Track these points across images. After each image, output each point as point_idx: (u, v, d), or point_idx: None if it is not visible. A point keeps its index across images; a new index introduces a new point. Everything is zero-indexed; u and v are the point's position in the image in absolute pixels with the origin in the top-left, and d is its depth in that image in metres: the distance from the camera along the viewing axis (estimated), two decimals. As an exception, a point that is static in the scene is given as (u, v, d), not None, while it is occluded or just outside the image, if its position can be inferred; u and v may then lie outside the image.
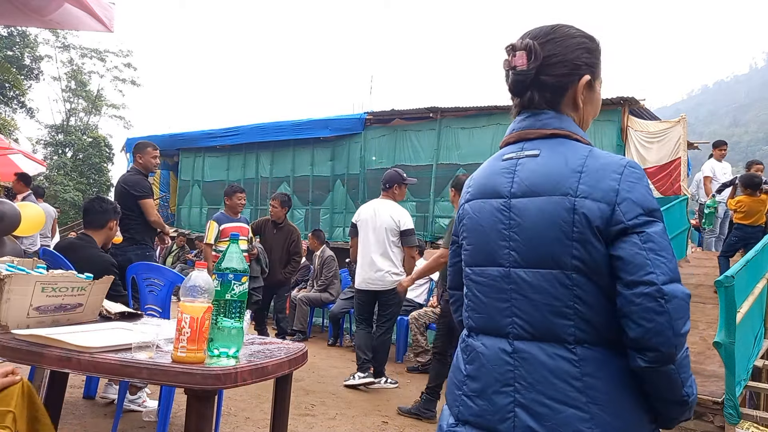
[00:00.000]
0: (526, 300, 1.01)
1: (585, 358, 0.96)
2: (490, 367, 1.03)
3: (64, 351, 1.48)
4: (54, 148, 25.08)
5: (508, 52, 1.12)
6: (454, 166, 8.61)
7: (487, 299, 1.07)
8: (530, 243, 1.02)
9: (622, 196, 0.96)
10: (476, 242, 1.11)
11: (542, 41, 1.09)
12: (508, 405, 0.99)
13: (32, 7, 3.17)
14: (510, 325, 1.03)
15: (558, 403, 0.95)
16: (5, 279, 1.60)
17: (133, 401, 3.30)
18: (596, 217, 0.96)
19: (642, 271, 0.92)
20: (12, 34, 21.62)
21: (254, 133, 11.08)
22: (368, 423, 3.68)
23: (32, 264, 2.08)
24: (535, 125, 1.10)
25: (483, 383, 1.04)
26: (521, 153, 1.09)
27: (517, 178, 1.06)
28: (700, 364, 4.59)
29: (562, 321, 0.98)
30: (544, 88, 1.09)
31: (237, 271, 1.54)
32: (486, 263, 1.08)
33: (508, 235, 1.05)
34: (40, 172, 12.92)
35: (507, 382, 1.00)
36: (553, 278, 0.99)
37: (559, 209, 0.99)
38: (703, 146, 10.35)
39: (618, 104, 7.40)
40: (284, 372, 1.67)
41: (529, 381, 0.98)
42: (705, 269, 6.86)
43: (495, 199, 1.08)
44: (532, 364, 0.99)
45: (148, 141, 4.43)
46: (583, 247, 0.97)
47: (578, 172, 1.00)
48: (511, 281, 1.03)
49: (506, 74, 1.14)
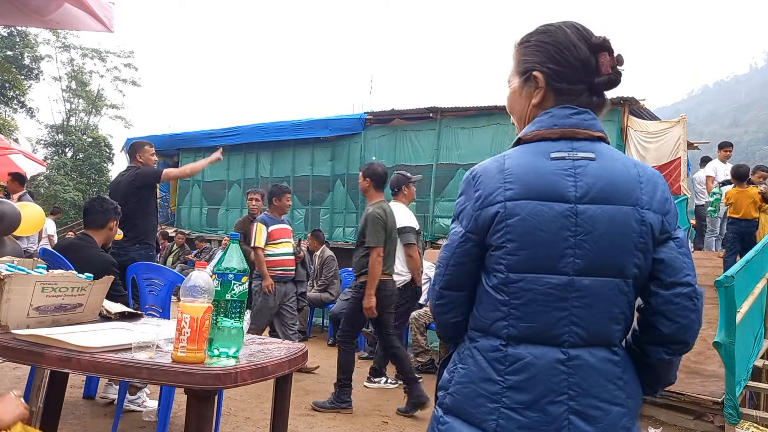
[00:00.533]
0: (586, 308, 1.00)
1: (623, 357, 1.03)
2: (542, 378, 0.99)
3: (64, 351, 1.48)
4: (54, 148, 25.08)
5: (609, 50, 1.10)
6: (454, 166, 8.61)
7: (541, 308, 1.01)
8: (599, 251, 1.00)
9: (667, 207, 1.04)
10: (532, 248, 1.01)
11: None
12: (563, 413, 0.98)
13: (32, 7, 3.17)
14: (567, 333, 1.00)
15: (608, 404, 0.99)
16: (5, 279, 1.60)
17: (132, 401, 3.30)
18: (657, 229, 1.02)
19: (681, 273, 1.01)
20: (12, 34, 21.62)
21: (254, 133, 11.09)
22: (368, 423, 3.68)
23: (32, 264, 2.08)
24: (582, 124, 1.08)
25: (534, 394, 0.99)
26: (574, 154, 1.04)
27: (581, 182, 1.01)
28: (700, 364, 4.59)
29: (616, 326, 1.02)
30: (597, 88, 1.12)
31: (237, 271, 1.54)
32: (544, 271, 1.01)
33: (574, 243, 1.00)
34: (40, 172, 12.93)
35: (561, 391, 0.99)
36: (614, 286, 1.01)
37: (630, 219, 1.01)
38: (703, 146, 10.34)
39: (618, 104, 7.40)
40: (284, 372, 1.67)
41: (583, 387, 0.99)
42: (705, 269, 6.85)
43: (558, 203, 1.01)
44: (586, 369, 1.00)
45: (143, 140, 4.45)
46: (644, 256, 1.02)
47: (639, 182, 1.03)
48: (575, 290, 1.00)
49: (605, 74, 1.10)
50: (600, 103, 1.13)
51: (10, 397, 1.43)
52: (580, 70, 1.10)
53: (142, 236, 4.03)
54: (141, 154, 4.22)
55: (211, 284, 1.45)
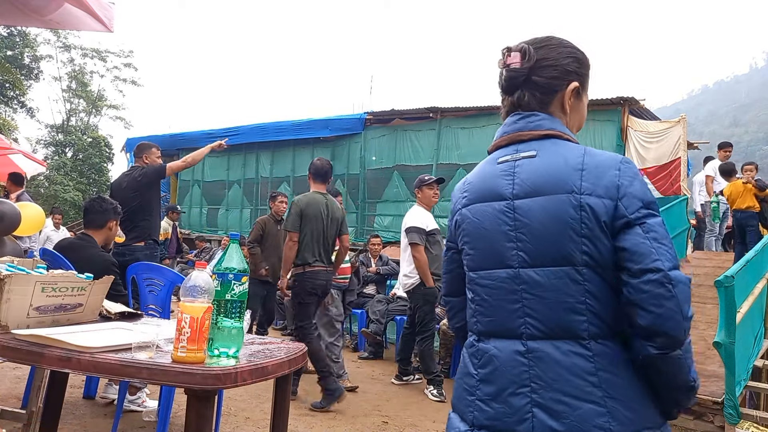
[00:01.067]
0: (537, 299, 1.02)
1: (598, 353, 0.98)
2: (504, 370, 1.04)
3: (64, 351, 1.48)
4: (54, 148, 25.07)
5: (503, 54, 1.18)
6: (454, 166, 8.61)
7: (496, 302, 1.08)
8: (538, 242, 1.03)
9: (622, 191, 1.00)
10: (480, 246, 1.12)
11: (537, 46, 1.15)
12: (526, 405, 1.00)
13: (32, 7, 3.17)
14: (522, 325, 1.04)
15: (575, 399, 0.97)
16: (5, 279, 1.60)
17: (132, 401, 3.30)
18: (602, 213, 0.99)
19: (648, 259, 0.95)
20: (12, 34, 21.61)
21: (254, 133, 11.09)
22: (368, 423, 3.68)
23: (32, 264, 2.08)
24: (527, 126, 1.13)
25: (498, 386, 1.04)
26: (517, 155, 1.11)
27: (518, 179, 1.08)
28: (700, 364, 4.59)
29: (576, 317, 1.00)
30: (535, 87, 1.14)
31: (237, 271, 1.54)
32: (493, 266, 1.09)
33: (514, 236, 1.06)
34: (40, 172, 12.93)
35: (523, 383, 1.01)
36: (564, 275, 1.01)
37: (566, 207, 1.01)
38: (703, 146, 10.34)
39: (618, 104, 7.41)
40: (284, 372, 1.67)
41: (545, 380, 0.99)
42: (705, 269, 6.86)
43: (497, 202, 1.10)
44: (547, 362, 1.00)
45: (150, 142, 4.43)
46: (592, 243, 0.99)
47: (579, 170, 1.03)
48: (522, 281, 1.04)
49: (500, 74, 1.20)
50: (540, 99, 1.15)
51: None
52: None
53: (146, 235, 4.02)
54: (147, 155, 4.21)
55: (211, 284, 1.45)
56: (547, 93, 1.14)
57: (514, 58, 1.15)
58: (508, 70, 1.16)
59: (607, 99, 7.43)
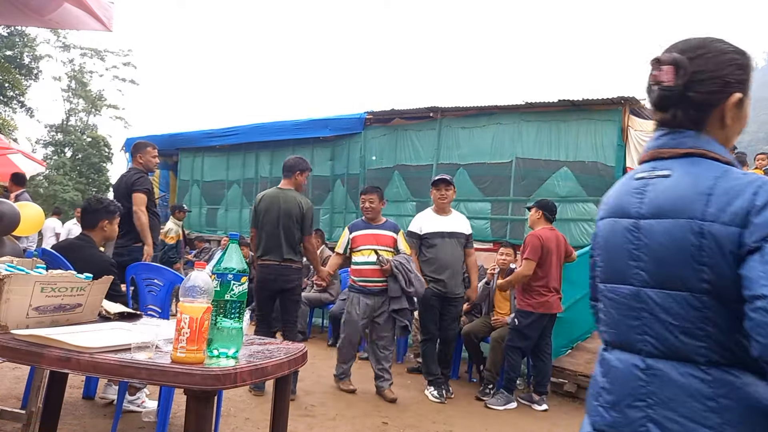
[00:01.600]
0: (656, 319, 1.01)
1: (719, 380, 0.94)
2: (622, 381, 1.05)
3: (64, 351, 1.47)
4: (53, 147, 25.06)
5: (653, 66, 1.08)
6: (454, 165, 8.60)
7: (619, 316, 1.08)
8: (658, 264, 1.01)
9: (751, 218, 0.93)
10: (607, 260, 1.14)
11: (691, 56, 1.05)
12: (641, 419, 1.01)
13: (32, 7, 3.17)
14: (641, 342, 1.03)
15: (690, 421, 0.95)
16: (5, 279, 1.60)
17: (132, 402, 3.29)
18: (727, 241, 0.93)
19: (756, 284, 0.89)
20: (12, 34, 21.60)
21: (254, 132, 11.07)
22: (368, 423, 3.68)
23: (32, 264, 2.08)
24: (668, 144, 1.09)
25: (616, 396, 1.06)
26: (652, 173, 1.08)
27: (646, 198, 1.07)
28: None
29: (694, 342, 0.97)
30: (690, 105, 1.06)
31: (236, 272, 1.53)
32: (617, 281, 1.10)
33: (637, 255, 1.06)
34: (39, 171, 12.93)
35: (639, 397, 1.01)
36: (682, 299, 0.98)
37: (686, 233, 0.98)
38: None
39: (619, 104, 7.39)
40: (284, 373, 1.66)
41: (661, 397, 0.99)
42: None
43: (624, 219, 1.10)
44: (665, 381, 0.99)
45: (146, 141, 4.44)
46: (713, 271, 0.95)
47: (706, 194, 0.97)
48: (641, 300, 1.04)
49: (648, 88, 1.11)
50: (694, 117, 1.07)
51: None
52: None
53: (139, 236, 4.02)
54: (142, 155, 4.21)
55: (211, 284, 1.45)
56: (704, 110, 1.06)
57: (666, 74, 1.05)
58: (661, 88, 1.07)
59: (608, 99, 7.42)
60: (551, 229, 4.57)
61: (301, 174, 4.25)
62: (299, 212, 4.07)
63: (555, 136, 7.82)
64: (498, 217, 8.20)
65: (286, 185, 4.19)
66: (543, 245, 4.40)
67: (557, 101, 7.77)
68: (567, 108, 7.78)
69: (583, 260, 5.20)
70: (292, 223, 4.04)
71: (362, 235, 4.46)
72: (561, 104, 7.78)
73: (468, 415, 4.13)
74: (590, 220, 7.55)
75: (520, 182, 8.03)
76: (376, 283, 4.34)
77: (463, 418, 4.04)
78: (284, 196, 4.10)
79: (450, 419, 3.95)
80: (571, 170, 7.67)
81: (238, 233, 1.72)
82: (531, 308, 4.38)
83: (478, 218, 7.95)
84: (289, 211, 4.03)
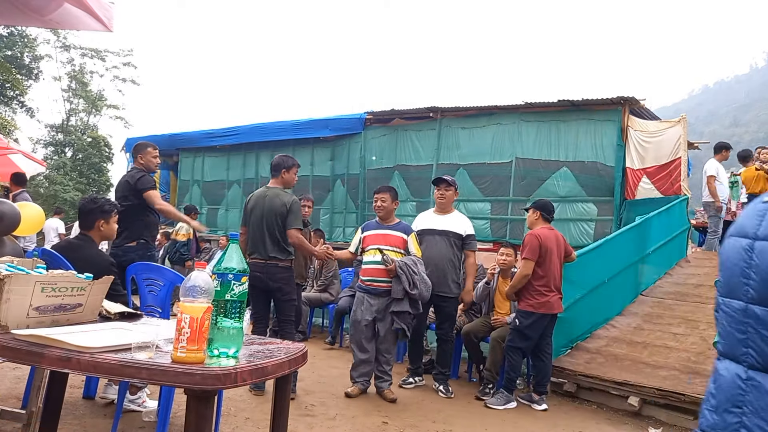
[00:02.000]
0: (758, 335, 1.09)
1: None
2: (726, 389, 1.15)
3: (64, 351, 1.47)
4: (54, 147, 25.07)
5: None
6: (454, 165, 8.61)
7: (730, 328, 1.17)
8: (765, 284, 1.09)
9: None
10: (725, 275, 1.21)
11: None
12: (735, 424, 1.10)
13: (32, 7, 3.18)
14: (745, 354, 1.12)
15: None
16: (5, 279, 1.60)
17: (132, 401, 3.30)
18: None
19: None
20: (12, 34, 21.60)
21: (254, 133, 11.08)
22: (368, 423, 3.68)
23: (32, 264, 2.08)
24: None
25: (718, 400, 1.16)
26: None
27: (764, 222, 1.14)
28: (700, 364, 4.59)
29: None
30: None
31: (237, 271, 1.54)
32: (731, 296, 1.18)
33: (748, 273, 1.13)
34: (39, 172, 12.94)
35: (737, 404, 1.11)
36: None
37: None
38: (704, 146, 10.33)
39: (618, 104, 7.40)
40: (284, 372, 1.67)
41: (755, 406, 1.07)
42: (705, 269, 6.86)
43: (743, 239, 1.18)
44: (761, 392, 1.07)
45: (147, 141, 4.43)
46: None
47: None
48: (748, 315, 1.12)
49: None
50: None
51: None
52: None
53: (137, 236, 4.02)
54: (143, 155, 4.21)
55: (211, 284, 1.45)
56: None
57: None
58: None
59: (608, 99, 7.43)
60: (550, 228, 4.57)
61: (288, 171, 4.24)
62: (283, 209, 4.03)
63: (555, 136, 7.83)
64: (498, 217, 8.20)
65: (274, 184, 4.22)
66: (542, 244, 4.39)
67: (557, 101, 7.77)
68: (567, 108, 7.78)
69: (583, 260, 5.21)
70: (275, 220, 4.03)
71: (372, 235, 4.46)
72: (561, 104, 7.78)
73: (468, 414, 4.14)
74: (590, 220, 7.55)
75: (519, 182, 8.04)
76: (381, 283, 4.31)
77: (462, 417, 4.04)
78: (270, 194, 4.12)
79: (450, 419, 3.96)
80: (570, 170, 7.67)
81: (238, 233, 1.73)
82: (532, 308, 4.38)
83: (478, 218, 7.96)
84: (272, 208, 4.04)
